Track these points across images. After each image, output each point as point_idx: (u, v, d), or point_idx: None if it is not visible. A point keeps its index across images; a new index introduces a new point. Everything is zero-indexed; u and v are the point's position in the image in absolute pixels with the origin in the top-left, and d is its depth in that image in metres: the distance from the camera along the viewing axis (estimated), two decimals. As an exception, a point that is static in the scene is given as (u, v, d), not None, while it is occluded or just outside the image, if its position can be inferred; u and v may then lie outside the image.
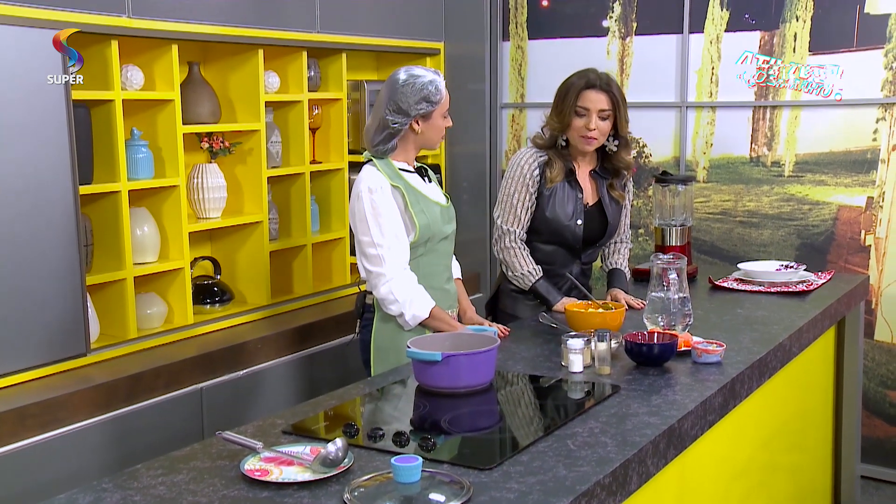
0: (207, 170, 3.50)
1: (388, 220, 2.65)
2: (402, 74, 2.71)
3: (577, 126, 2.97)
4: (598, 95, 2.94)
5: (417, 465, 1.66)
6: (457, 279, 2.98)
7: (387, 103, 2.70)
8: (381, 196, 2.65)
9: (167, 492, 1.70)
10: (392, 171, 2.72)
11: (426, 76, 2.70)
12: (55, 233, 2.83)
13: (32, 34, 2.75)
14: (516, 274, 3.03)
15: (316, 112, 3.93)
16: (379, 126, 2.73)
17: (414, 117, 2.69)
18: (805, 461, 3.35)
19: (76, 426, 2.74)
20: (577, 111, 2.96)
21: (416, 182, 2.77)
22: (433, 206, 2.76)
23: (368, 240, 2.65)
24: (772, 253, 4.11)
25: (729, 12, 4.12)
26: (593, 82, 2.95)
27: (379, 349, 2.76)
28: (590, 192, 3.09)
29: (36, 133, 2.76)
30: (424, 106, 2.69)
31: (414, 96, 2.67)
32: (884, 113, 3.86)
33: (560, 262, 3.08)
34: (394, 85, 2.70)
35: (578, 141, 2.99)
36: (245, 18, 3.45)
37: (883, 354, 3.96)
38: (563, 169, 3.01)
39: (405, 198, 2.69)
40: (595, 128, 2.95)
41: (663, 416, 2.05)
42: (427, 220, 2.72)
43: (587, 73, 2.98)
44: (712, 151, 4.23)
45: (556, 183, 3.01)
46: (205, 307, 3.53)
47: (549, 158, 3.02)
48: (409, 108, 2.68)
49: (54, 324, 2.84)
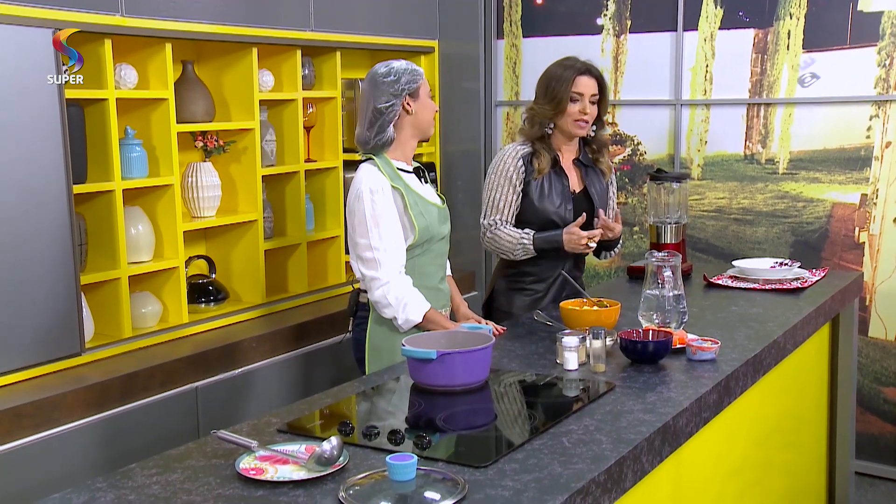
0: (202, 168, 3.49)
1: (386, 224, 2.65)
2: (380, 67, 2.78)
3: (571, 111, 3.04)
4: (590, 81, 3.05)
5: (412, 464, 1.66)
6: (448, 276, 3.00)
7: (374, 96, 2.74)
8: (381, 198, 2.65)
9: (162, 491, 1.70)
10: (392, 171, 2.72)
11: (399, 62, 2.79)
12: (49, 232, 2.82)
13: (26, 33, 2.74)
14: (513, 246, 3.03)
15: (310, 110, 3.92)
16: (372, 119, 2.74)
17: (403, 96, 2.73)
18: (800, 458, 3.36)
19: (71, 426, 2.74)
20: (573, 97, 3.04)
21: (414, 183, 2.78)
22: (431, 207, 2.78)
23: (366, 242, 2.65)
24: (766, 250, 4.12)
25: (723, 10, 4.12)
26: (588, 69, 3.06)
27: (374, 349, 2.76)
28: (575, 180, 3.14)
29: (29, 132, 2.76)
30: (412, 81, 2.74)
31: (395, 79, 2.73)
32: (877, 110, 3.87)
33: (553, 255, 3.08)
34: (374, 78, 2.76)
35: (572, 126, 3.06)
36: (239, 17, 3.44)
37: (877, 351, 3.97)
38: (549, 159, 3.07)
39: (405, 199, 2.70)
40: (588, 112, 3.04)
41: (658, 414, 2.05)
42: (426, 222, 2.73)
43: (575, 61, 3.07)
44: (707, 149, 4.24)
45: (543, 174, 3.05)
46: (199, 306, 3.52)
47: (536, 150, 3.07)
48: (396, 89, 2.72)
49: (48, 323, 2.84)
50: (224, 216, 3.58)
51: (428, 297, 2.74)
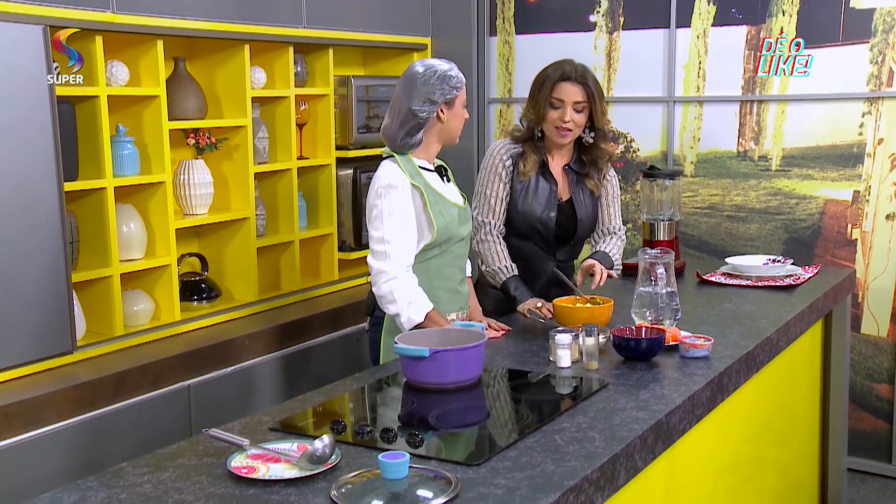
0: (194, 166, 3.48)
1: (400, 219, 2.60)
2: (419, 67, 2.68)
3: (551, 118, 2.94)
4: (573, 87, 2.91)
5: (405, 462, 1.65)
6: (467, 278, 2.92)
7: (410, 96, 2.65)
8: (399, 193, 2.60)
9: (153, 490, 1.69)
10: (413, 168, 2.66)
11: (443, 65, 2.68)
12: (40, 230, 2.81)
13: (16, 29, 2.72)
14: (491, 269, 2.98)
15: (303, 108, 3.91)
16: (404, 119, 2.67)
17: (440, 104, 2.65)
18: (792, 454, 3.36)
19: (61, 424, 2.73)
20: (552, 103, 2.93)
21: (435, 182, 2.72)
22: (451, 206, 2.71)
23: (379, 235, 2.61)
24: (759, 247, 4.12)
25: (716, 7, 4.12)
26: (568, 74, 2.92)
27: (388, 349, 2.71)
28: (563, 187, 3.05)
29: (20, 130, 2.74)
30: (449, 91, 2.65)
31: (439, 84, 2.64)
32: (869, 107, 3.87)
33: (535, 259, 3.05)
34: (413, 77, 2.66)
35: (553, 133, 2.96)
36: (231, 13, 3.43)
37: (869, 348, 3.98)
38: (536, 162, 2.99)
39: (424, 198, 2.64)
40: (570, 120, 2.92)
41: (651, 411, 2.05)
42: (445, 221, 2.67)
43: (563, 65, 2.95)
44: (699, 146, 4.24)
45: (528, 176, 2.98)
46: (192, 304, 3.51)
47: (524, 151, 3.00)
48: (435, 95, 2.64)
49: (40, 321, 2.82)
50: (216, 214, 3.57)
51: (446, 300, 2.71)
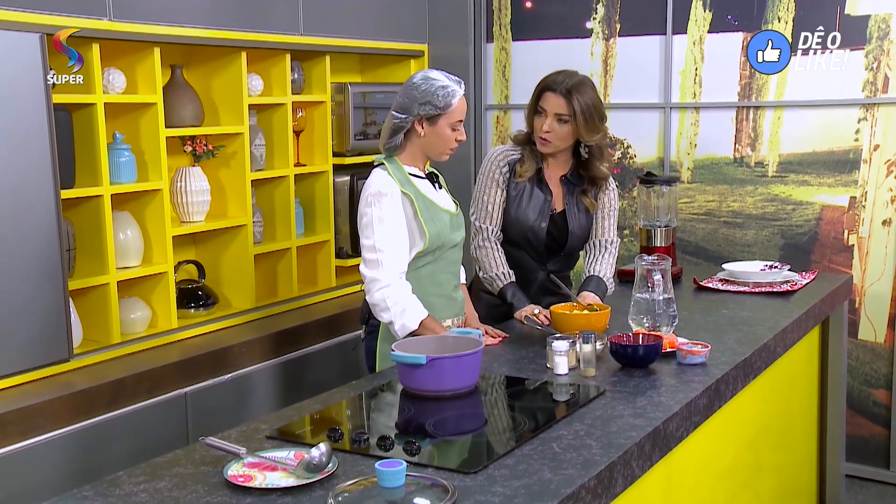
0: (191, 173, 3.48)
1: (391, 227, 2.59)
2: (419, 75, 2.67)
3: (536, 125, 2.93)
4: (556, 99, 2.86)
5: (402, 470, 1.65)
6: (462, 285, 2.91)
7: (397, 98, 2.67)
8: (389, 201, 2.60)
9: (149, 499, 1.69)
10: (403, 176, 2.66)
11: (441, 81, 2.64)
12: (37, 237, 2.80)
13: (13, 37, 2.72)
14: (488, 275, 2.96)
15: (300, 115, 3.92)
16: (388, 122, 2.69)
17: (417, 117, 2.63)
18: (790, 461, 3.36)
19: (58, 433, 2.72)
20: (537, 110, 2.93)
21: (426, 189, 2.71)
22: (443, 213, 2.70)
23: (370, 244, 2.61)
24: (756, 253, 4.12)
25: (712, 13, 4.13)
26: (552, 85, 2.89)
27: (384, 357, 2.70)
28: (558, 198, 3.02)
29: (17, 137, 2.74)
30: (428, 108, 2.62)
31: (421, 97, 2.62)
32: (865, 113, 3.88)
33: (526, 268, 3.03)
34: (408, 83, 2.67)
35: (536, 140, 2.94)
36: (228, 21, 3.43)
37: (867, 353, 3.98)
38: (533, 167, 2.97)
39: (415, 205, 2.63)
40: (549, 130, 2.88)
41: (648, 418, 2.05)
42: (437, 228, 2.66)
43: (557, 75, 2.91)
44: (696, 152, 4.24)
45: (524, 178, 2.96)
46: (189, 311, 3.51)
47: (522, 155, 2.99)
48: (412, 106, 2.62)
49: (36, 329, 2.82)
50: (213, 221, 3.57)
51: (441, 306, 2.70)
